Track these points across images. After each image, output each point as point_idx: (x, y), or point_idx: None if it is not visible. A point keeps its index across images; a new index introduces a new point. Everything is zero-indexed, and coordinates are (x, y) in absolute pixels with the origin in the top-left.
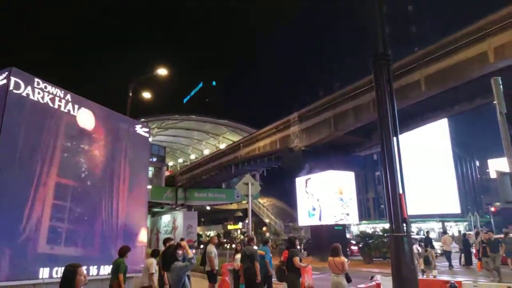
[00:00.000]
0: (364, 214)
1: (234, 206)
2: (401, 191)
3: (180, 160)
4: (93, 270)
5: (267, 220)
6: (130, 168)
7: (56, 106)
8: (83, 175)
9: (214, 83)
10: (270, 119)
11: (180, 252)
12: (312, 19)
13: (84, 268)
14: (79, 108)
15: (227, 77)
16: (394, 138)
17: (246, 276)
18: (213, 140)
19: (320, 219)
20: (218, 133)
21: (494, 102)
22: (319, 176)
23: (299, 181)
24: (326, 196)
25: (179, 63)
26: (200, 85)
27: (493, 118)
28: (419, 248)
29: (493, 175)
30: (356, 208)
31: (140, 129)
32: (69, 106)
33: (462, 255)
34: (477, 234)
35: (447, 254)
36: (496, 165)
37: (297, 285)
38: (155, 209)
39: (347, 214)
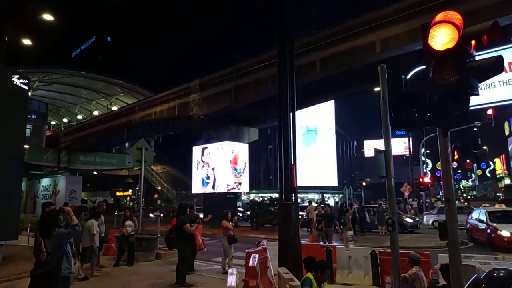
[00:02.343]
0: (255, 184)
1: (124, 172)
2: (292, 163)
3: (65, 120)
4: None
5: (159, 188)
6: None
7: None
8: None
9: (109, 38)
10: (170, 84)
11: (62, 217)
12: None
13: None
14: None
15: (125, 34)
16: (291, 114)
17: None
18: (104, 101)
19: (213, 187)
20: (110, 93)
21: (377, 88)
22: (215, 146)
23: (196, 150)
24: (221, 166)
25: (70, 9)
26: (93, 39)
27: (370, 103)
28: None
29: (367, 154)
30: (247, 178)
31: (17, 80)
32: None
33: (338, 223)
34: (350, 205)
35: (311, 222)
36: (370, 146)
37: (188, 252)
38: (34, 172)
39: (240, 184)
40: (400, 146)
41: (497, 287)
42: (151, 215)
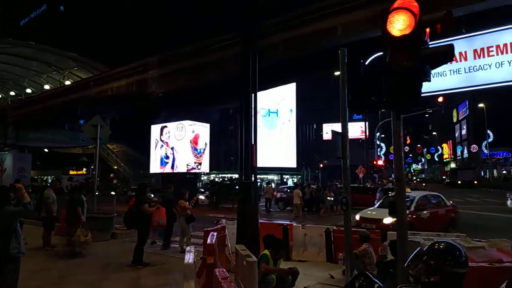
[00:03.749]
0: (215, 165)
1: (78, 151)
2: (253, 143)
3: (12, 93)
4: None
5: (115, 167)
6: None
7: None
8: None
9: (62, 8)
10: (128, 59)
11: (12, 195)
12: None
13: None
14: None
15: (81, 4)
16: (253, 94)
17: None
18: (57, 75)
19: (172, 167)
20: (63, 66)
21: (337, 73)
22: (175, 125)
23: (154, 129)
24: (181, 145)
25: None
26: (43, 7)
27: (331, 87)
28: None
29: (325, 137)
30: (208, 159)
31: None
32: None
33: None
34: (308, 185)
35: (268, 201)
36: (329, 129)
37: (147, 232)
38: None
39: (200, 164)
40: (357, 130)
41: (437, 256)
42: (113, 193)
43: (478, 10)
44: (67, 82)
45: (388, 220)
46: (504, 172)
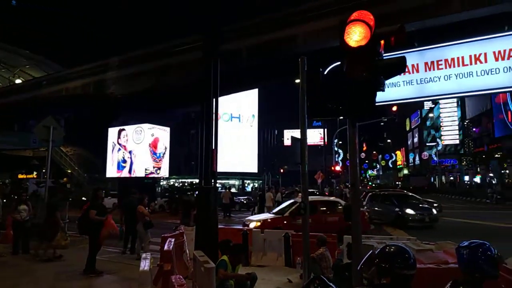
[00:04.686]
0: (175, 169)
1: (28, 153)
2: (213, 147)
3: None
4: None
5: (69, 171)
6: None
7: None
8: None
9: (14, 2)
10: (86, 59)
11: None
12: None
13: None
14: None
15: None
16: (214, 99)
17: None
18: (6, 72)
19: (130, 171)
20: (14, 64)
21: (298, 80)
22: (134, 128)
23: (112, 131)
24: (139, 149)
25: None
26: None
27: (292, 95)
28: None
29: (286, 142)
30: (167, 163)
31: None
32: None
33: (256, 207)
34: (268, 189)
35: (225, 206)
36: (290, 135)
37: (97, 240)
38: None
39: (159, 168)
40: (316, 136)
41: (388, 259)
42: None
43: (429, 26)
44: (18, 81)
45: (252, 224)
46: (452, 178)
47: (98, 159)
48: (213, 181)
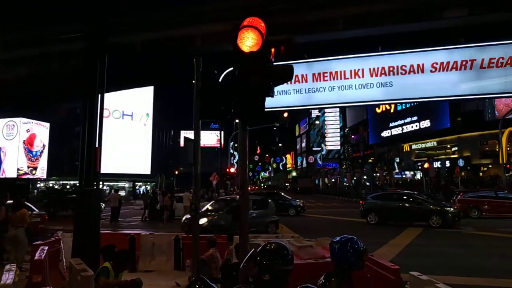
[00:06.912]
0: (58, 169)
1: None
2: (97, 145)
3: None
4: None
5: None
6: None
7: None
8: None
9: None
10: None
11: None
12: None
13: None
14: None
15: None
16: (99, 95)
17: None
18: None
19: None
20: None
21: (194, 81)
22: (4, 122)
23: None
24: (11, 146)
25: None
26: None
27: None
28: None
29: (183, 143)
30: (46, 163)
31: None
32: None
33: (147, 210)
34: (164, 193)
35: (114, 210)
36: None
37: None
38: None
39: (34, 169)
40: (213, 138)
41: (268, 257)
42: None
43: (316, 40)
44: None
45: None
46: (333, 180)
47: None
48: (95, 182)
